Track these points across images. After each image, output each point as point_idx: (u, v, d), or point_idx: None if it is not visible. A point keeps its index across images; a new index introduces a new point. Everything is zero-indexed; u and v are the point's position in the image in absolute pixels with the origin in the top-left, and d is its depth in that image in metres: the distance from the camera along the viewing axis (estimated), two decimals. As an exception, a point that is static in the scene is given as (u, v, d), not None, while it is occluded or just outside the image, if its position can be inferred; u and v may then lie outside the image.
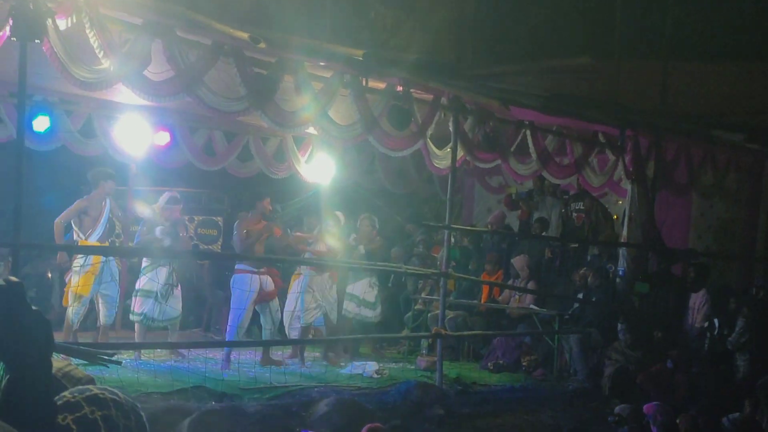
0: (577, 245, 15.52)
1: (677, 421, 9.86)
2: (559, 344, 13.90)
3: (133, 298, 13.06)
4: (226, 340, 13.17)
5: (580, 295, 14.13)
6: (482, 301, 15.31)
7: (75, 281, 12.45)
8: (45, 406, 3.20)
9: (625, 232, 14.48)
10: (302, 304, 13.36)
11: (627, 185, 14.52)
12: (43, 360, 3.23)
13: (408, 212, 18.60)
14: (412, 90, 11.81)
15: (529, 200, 16.56)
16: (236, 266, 13.18)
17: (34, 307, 3.06)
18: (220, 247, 16.32)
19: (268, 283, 13.20)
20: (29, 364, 3.04)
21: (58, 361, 3.94)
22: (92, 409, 2.94)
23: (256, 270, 13.00)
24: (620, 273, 14.24)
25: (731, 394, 11.65)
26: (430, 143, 12.45)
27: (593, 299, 13.99)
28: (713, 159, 15.78)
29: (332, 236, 13.76)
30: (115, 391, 3.13)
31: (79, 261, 12.41)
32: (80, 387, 3.09)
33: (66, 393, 3.04)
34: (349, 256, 13.92)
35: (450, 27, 19.68)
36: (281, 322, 13.51)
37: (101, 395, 2.99)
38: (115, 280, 12.87)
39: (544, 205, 16.47)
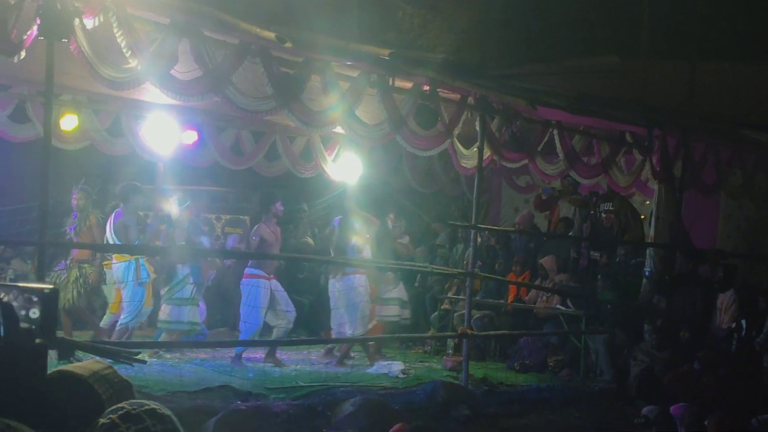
0: (604, 249, 15.40)
1: (705, 422, 9.82)
2: (586, 345, 13.85)
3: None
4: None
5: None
6: (509, 301, 15.28)
7: (142, 295, 12.69)
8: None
9: (652, 233, 14.37)
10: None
11: (654, 185, 14.42)
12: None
13: (435, 211, 18.61)
14: (438, 89, 11.77)
15: (552, 198, 16.45)
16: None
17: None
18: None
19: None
20: None
21: (94, 363, 3.97)
22: (128, 426, 3.09)
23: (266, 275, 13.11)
24: (647, 273, 14.17)
25: (759, 395, 11.60)
26: (457, 143, 12.43)
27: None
28: (741, 159, 15.64)
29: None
30: (145, 402, 3.24)
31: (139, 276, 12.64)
32: (114, 407, 3.24)
33: (102, 417, 3.18)
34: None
35: (476, 27, 19.65)
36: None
37: (134, 411, 3.15)
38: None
39: (567, 205, 16.41)
